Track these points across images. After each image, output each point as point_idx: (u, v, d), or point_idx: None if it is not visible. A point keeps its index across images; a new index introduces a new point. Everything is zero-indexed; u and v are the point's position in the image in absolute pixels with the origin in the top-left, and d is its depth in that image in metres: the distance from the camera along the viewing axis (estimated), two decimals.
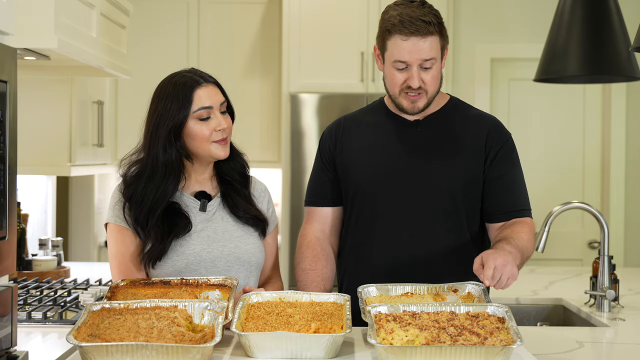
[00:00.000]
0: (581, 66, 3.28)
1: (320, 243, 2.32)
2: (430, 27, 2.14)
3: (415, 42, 2.15)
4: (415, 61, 2.16)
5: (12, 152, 1.64)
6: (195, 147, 2.13)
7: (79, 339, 1.69)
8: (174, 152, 2.11)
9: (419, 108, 2.23)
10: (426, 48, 2.15)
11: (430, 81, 2.19)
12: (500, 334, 1.73)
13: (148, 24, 5.10)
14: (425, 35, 2.15)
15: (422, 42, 2.15)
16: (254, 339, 1.74)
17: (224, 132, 2.13)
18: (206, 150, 2.13)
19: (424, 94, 2.21)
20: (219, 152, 2.14)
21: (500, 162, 2.25)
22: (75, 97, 3.35)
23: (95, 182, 5.05)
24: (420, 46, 2.15)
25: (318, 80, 4.79)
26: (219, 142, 2.13)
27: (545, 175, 5.10)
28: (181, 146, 2.11)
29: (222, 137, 2.13)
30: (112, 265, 2.16)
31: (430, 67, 2.17)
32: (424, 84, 2.19)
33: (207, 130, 2.11)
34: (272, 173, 5.22)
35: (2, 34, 1.65)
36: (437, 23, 2.16)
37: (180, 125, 2.09)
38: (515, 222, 2.24)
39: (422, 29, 2.14)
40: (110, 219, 2.16)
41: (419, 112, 2.24)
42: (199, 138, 2.11)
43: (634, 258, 5.06)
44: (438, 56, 2.18)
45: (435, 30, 2.16)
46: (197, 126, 2.10)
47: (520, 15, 5.07)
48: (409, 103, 2.22)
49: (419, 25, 2.13)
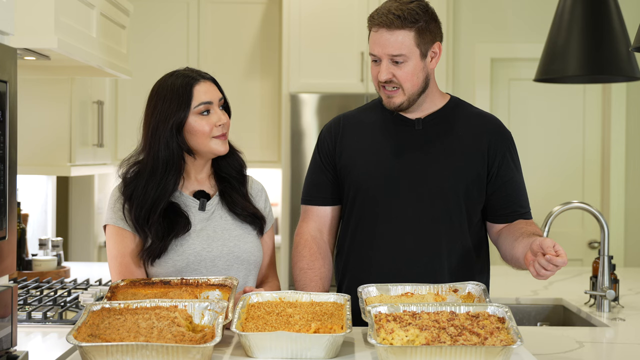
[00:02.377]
0: (581, 66, 3.28)
1: (316, 242, 2.32)
2: (398, 20, 2.13)
3: (382, 34, 2.15)
4: (382, 54, 2.16)
5: (12, 152, 1.64)
6: (195, 143, 2.14)
7: (79, 339, 1.69)
8: (176, 148, 2.12)
9: (395, 104, 2.22)
10: (393, 42, 2.14)
11: (403, 77, 2.17)
12: (500, 334, 1.73)
13: (148, 24, 5.10)
14: (392, 29, 2.14)
15: (389, 35, 2.14)
16: (254, 339, 1.74)
17: (224, 127, 2.15)
18: (207, 146, 2.14)
19: (400, 91, 2.19)
20: (219, 147, 2.15)
21: (505, 165, 2.26)
22: (75, 97, 3.35)
23: (95, 182, 5.05)
24: (387, 38, 2.14)
25: (318, 80, 4.79)
26: (219, 137, 2.14)
27: (545, 175, 5.10)
28: (182, 142, 2.12)
29: (222, 132, 2.15)
30: (112, 266, 2.16)
31: (402, 62, 2.16)
32: (396, 79, 2.17)
33: (208, 125, 2.12)
34: (272, 173, 5.23)
35: (2, 34, 1.65)
36: (412, 19, 2.13)
37: (181, 123, 2.11)
38: (521, 222, 2.25)
39: (389, 21, 2.13)
40: (109, 221, 2.16)
41: (399, 109, 2.23)
42: (199, 134, 2.12)
43: (634, 258, 5.06)
44: (411, 53, 2.15)
45: (408, 25, 2.13)
46: (197, 122, 2.11)
47: (520, 15, 5.07)
48: (386, 98, 2.23)
49: (388, 18, 2.13)
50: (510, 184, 2.27)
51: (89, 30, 2.76)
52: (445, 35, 4.81)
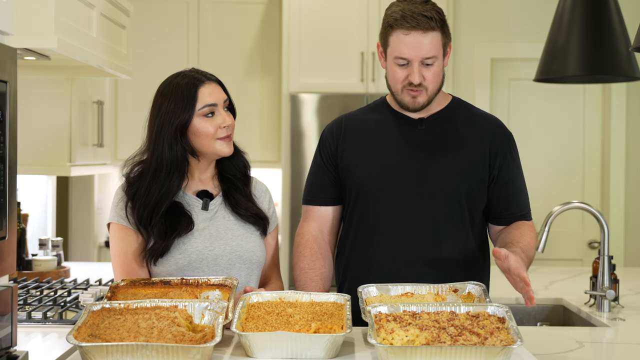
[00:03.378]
0: (581, 66, 3.27)
1: (317, 242, 2.32)
2: (431, 22, 2.14)
3: (416, 37, 2.15)
4: (416, 57, 2.16)
5: (12, 152, 1.64)
6: (200, 144, 2.14)
7: (79, 339, 1.69)
8: (180, 150, 2.12)
9: (420, 104, 2.22)
10: (427, 43, 2.15)
11: (431, 78, 2.19)
12: (500, 334, 1.73)
13: (148, 24, 5.10)
14: (426, 31, 2.15)
15: (423, 37, 2.15)
16: (254, 339, 1.74)
17: (228, 129, 2.15)
18: (211, 148, 2.14)
19: (424, 91, 2.20)
20: (223, 148, 2.15)
21: (507, 167, 2.26)
22: (75, 97, 3.35)
23: (95, 182, 5.05)
24: (421, 41, 2.15)
25: (318, 80, 4.78)
26: (224, 139, 2.15)
27: (545, 175, 5.10)
28: (186, 143, 2.12)
29: (227, 133, 2.15)
30: (115, 265, 2.16)
31: (432, 63, 2.17)
32: (425, 81, 2.19)
33: (212, 127, 2.12)
34: (272, 173, 5.22)
35: (2, 34, 1.65)
36: (439, 19, 2.16)
37: (185, 124, 2.11)
38: (519, 225, 2.25)
39: (423, 23, 2.14)
40: (112, 219, 2.16)
41: (421, 109, 2.24)
42: (204, 135, 2.12)
43: (634, 258, 5.06)
44: (439, 53, 2.18)
45: (437, 26, 2.15)
46: (202, 124, 2.11)
47: (520, 15, 5.07)
48: (410, 99, 2.22)
49: (420, 20, 2.14)
50: (511, 185, 2.27)
51: (89, 30, 2.76)
52: None
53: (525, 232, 2.23)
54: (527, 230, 2.24)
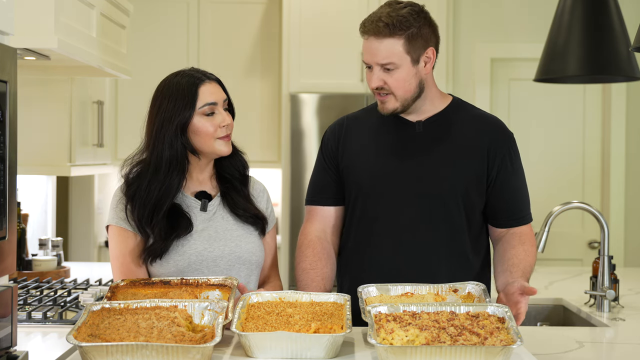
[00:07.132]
0: (581, 66, 3.28)
1: (321, 242, 2.32)
2: (387, 29, 2.12)
3: (372, 42, 2.15)
4: (373, 61, 2.16)
5: (12, 152, 1.64)
6: (199, 143, 2.14)
7: (79, 339, 1.69)
8: (180, 148, 2.12)
9: (388, 110, 2.22)
10: (382, 50, 2.14)
11: (394, 84, 2.17)
12: (500, 334, 1.74)
13: (148, 24, 5.10)
14: (381, 37, 2.13)
15: (379, 43, 2.14)
16: (254, 339, 1.74)
17: (228, 128, 2.15)
18: (210, 147, 2.14)
19: (392, 96, 2.19)
20: (222, 148, 2.15)
21: (506, 168, 2.25)
22: (75, 97, 3.35)
23: (95, 182, 5.05)
24: (377, 47, 2.15)
25: (318, 80, 4.79)
26: (223, 138, 2.15)
27: (545, 175, 5.10)
28: (186, 141, 2.12)
29: (226, 133, 2.15)
30: (114, 266, 2.16)
31: (393, 69, 2.16)
32: (387, 85, 2.17)
33: (212, 126, 2.12)
34: (272, 173, 5.22)
35: (2, 34, 1.65)
36: (401, 27, 2.12)
37: (186, 123, 2.11)
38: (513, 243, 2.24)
39: (378, 29, 2.13)
40: (111, 221, 2.16)
41: (393, 114, 2.23)
42: (203, 134, 2.12)
43: (634, 258, 5.06)
44: (401, 60, 2.15)
45: (397, 33, 2.12)
46: (202, 122, 2.11)
47: (520, 15, 5.07)
48: (380, 103, 2.23)
49: (377, 26, 2.13)
50: (510, 188, 2.26)
51: (89, 30, 2.76)
52: (445, 35, 4.82)
53: (520, 251, 2.21)
54: (522, 249, 2.22)
